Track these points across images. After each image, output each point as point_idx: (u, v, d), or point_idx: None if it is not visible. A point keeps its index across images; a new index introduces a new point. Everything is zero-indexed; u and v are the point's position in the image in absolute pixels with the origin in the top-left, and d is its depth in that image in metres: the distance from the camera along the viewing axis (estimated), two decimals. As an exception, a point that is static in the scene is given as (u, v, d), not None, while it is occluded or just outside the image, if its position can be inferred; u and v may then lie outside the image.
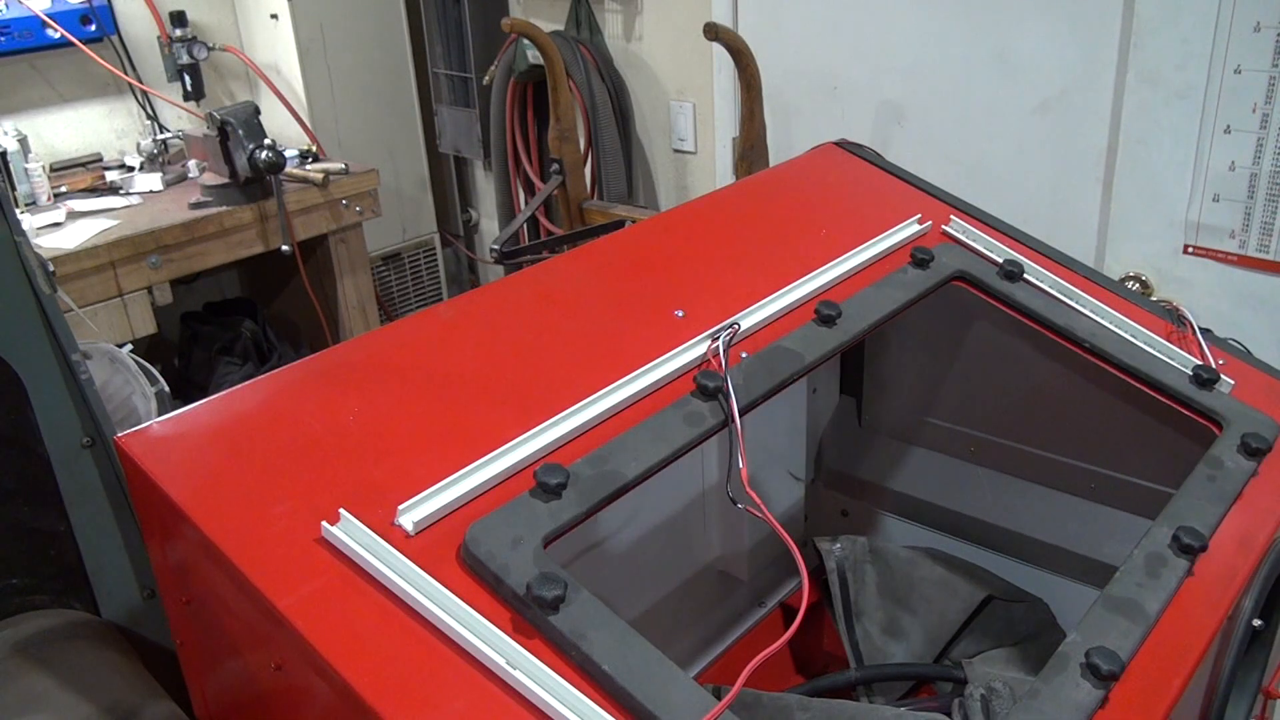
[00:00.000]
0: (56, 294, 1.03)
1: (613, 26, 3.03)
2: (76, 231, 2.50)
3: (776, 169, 1.53)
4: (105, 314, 2.50)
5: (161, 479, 0.78)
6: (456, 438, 0.84)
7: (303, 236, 2.82)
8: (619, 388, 0.90)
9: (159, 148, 3.01)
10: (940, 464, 1.45)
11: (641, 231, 1.25)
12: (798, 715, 0.78)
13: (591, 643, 0.68)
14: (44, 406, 1.02)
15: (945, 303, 1.23)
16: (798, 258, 1.14)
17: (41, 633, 1.02)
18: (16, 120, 2.79)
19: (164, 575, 0.88)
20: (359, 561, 0.72)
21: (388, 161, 3.35)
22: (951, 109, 2.40)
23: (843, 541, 1.25)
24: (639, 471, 0.83)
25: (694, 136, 2.97)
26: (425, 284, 3.66)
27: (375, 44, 3.31)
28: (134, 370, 1.31)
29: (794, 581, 1.48)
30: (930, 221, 1.25)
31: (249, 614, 0.76)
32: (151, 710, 0.95)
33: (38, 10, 2.77)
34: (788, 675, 1.35)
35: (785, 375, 0.97)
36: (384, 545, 0.73)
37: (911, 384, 1.47)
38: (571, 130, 2.77)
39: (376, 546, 0.72)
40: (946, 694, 1.01)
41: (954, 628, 1.19)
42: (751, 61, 2.45)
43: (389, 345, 0.97)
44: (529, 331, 1.00)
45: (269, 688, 0.81)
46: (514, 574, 0.71)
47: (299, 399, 0.88)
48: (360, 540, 0.72)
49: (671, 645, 1.34)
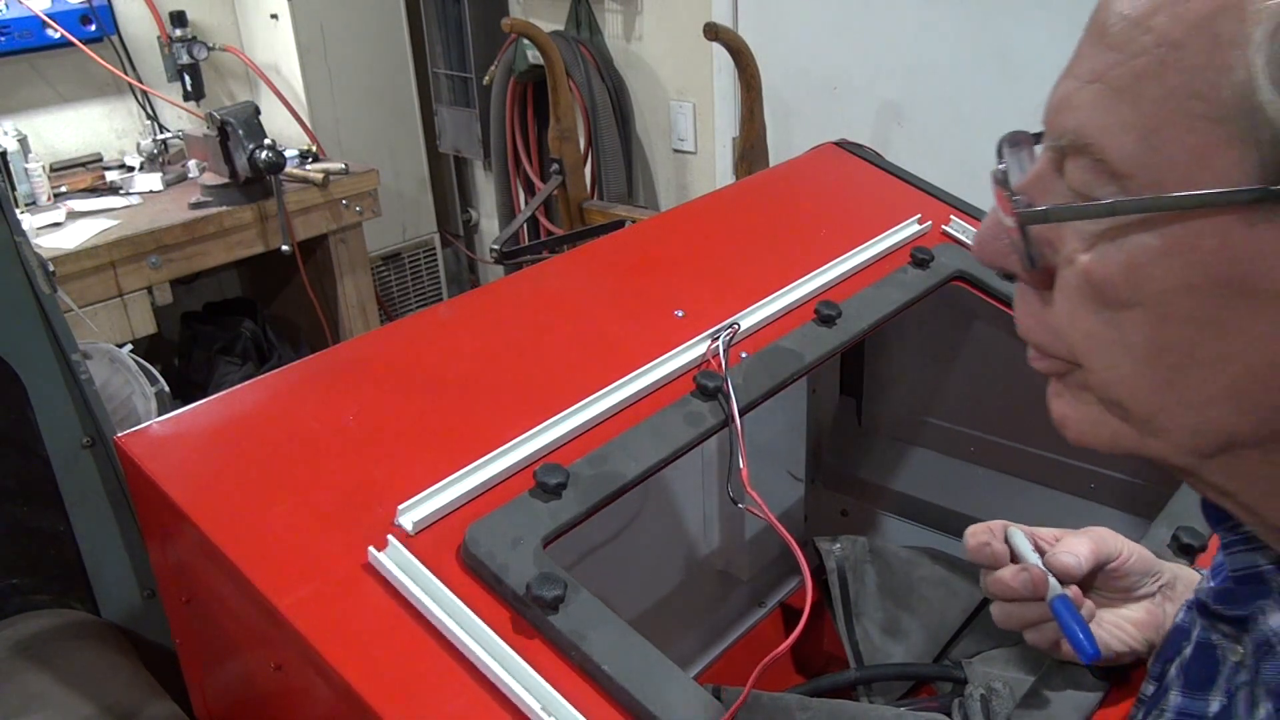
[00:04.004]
0: (56, 294, 1.03)
1: (613, 26, 3.03)
2: (76, 231, 2.50)
3: (776, 169, 1.53)
4: (105, 314, 2.50)
5: (161, 479, 0.78)
6: (456, 438, 0.84)
7: (303, 236, 2.82)
8: (619, 388, 0.90)
9: (159, 148, 3.00)
10: (940, 464, 1.45)
11: (641, 231, 1.25)
12: (798, 715, 0.77)
13: (591, 643, 0.68)
14: (44, 406, 1.02)
15: (945, 303, 1.23)
16: (798, 258, 1.14)
17: (41, 633, 1.02)
18: (16, 120, 2.79)
19: (164, 575, 0.88)
20: (395, 584, 0.71)
21: (388, 161, 3.35)
22: (951, 109, 2.40)
23: (843, 541, 1.25)
24: (639, 471, 0.83)
25: (694, 136, 2.97)
26: (425, 284, 3.66)
27: (375, 44, 3.31)
28: (134, 370, 1.31)
29: (794, 581, 1.48)
30: (930, 221, 1.25)
31: (249, 614, 0.76)
32: (151, 710, 0.95)
33: (38, 10, 2.77)
34: (788, 675, 1.35)
35: (785, 375, 0.97)
36: (409, 556, 0.73)
37: (911, 384, 1.47)
38: (571, 130, 2.77)
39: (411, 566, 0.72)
40: (946, 694, 1.01)
41: (954, 628, 1.19)
42: (751, 61, 2.45)
43: (389, 345, 0.97)
44: (529, 331, 1.00)
45: (269, 688, 0.81)
46: (514, 574, 0.71)
47: (299, 399, 0.88)
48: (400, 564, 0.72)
49: (671, 645, 1.34)
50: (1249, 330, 0.44)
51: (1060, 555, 0.75)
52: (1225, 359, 0.45)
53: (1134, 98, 0.44)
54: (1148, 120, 0.44)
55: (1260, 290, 0.43)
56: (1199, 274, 0.44)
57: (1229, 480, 0.49)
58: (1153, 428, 0.49)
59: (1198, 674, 0.62)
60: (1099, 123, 0.45)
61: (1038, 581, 0.74)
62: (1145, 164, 0.44)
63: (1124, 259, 0.46)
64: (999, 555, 0.77)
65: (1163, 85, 0.43)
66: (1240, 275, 0.43)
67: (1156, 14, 0.43)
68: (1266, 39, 0.40)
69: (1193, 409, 0.47)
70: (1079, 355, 0.50)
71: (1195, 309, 0.44)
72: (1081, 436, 0.53)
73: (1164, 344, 0.46)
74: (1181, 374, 0.46)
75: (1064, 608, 0.72)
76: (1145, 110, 0.44)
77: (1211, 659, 0.61)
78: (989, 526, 0.79)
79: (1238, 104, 0.41)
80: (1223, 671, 0.60)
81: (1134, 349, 0.47)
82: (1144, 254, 0.45)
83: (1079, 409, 0.53)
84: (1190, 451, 0.49)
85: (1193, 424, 0.47)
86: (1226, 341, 0.44)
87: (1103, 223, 0.46)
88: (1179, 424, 0.48)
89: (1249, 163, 0.41)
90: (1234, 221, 0.42)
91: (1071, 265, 0.49)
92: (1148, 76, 0.43)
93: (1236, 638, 0.57)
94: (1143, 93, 0.44)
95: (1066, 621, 0.71)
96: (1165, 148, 0.43)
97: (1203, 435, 0.47)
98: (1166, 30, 0.43)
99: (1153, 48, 0.43)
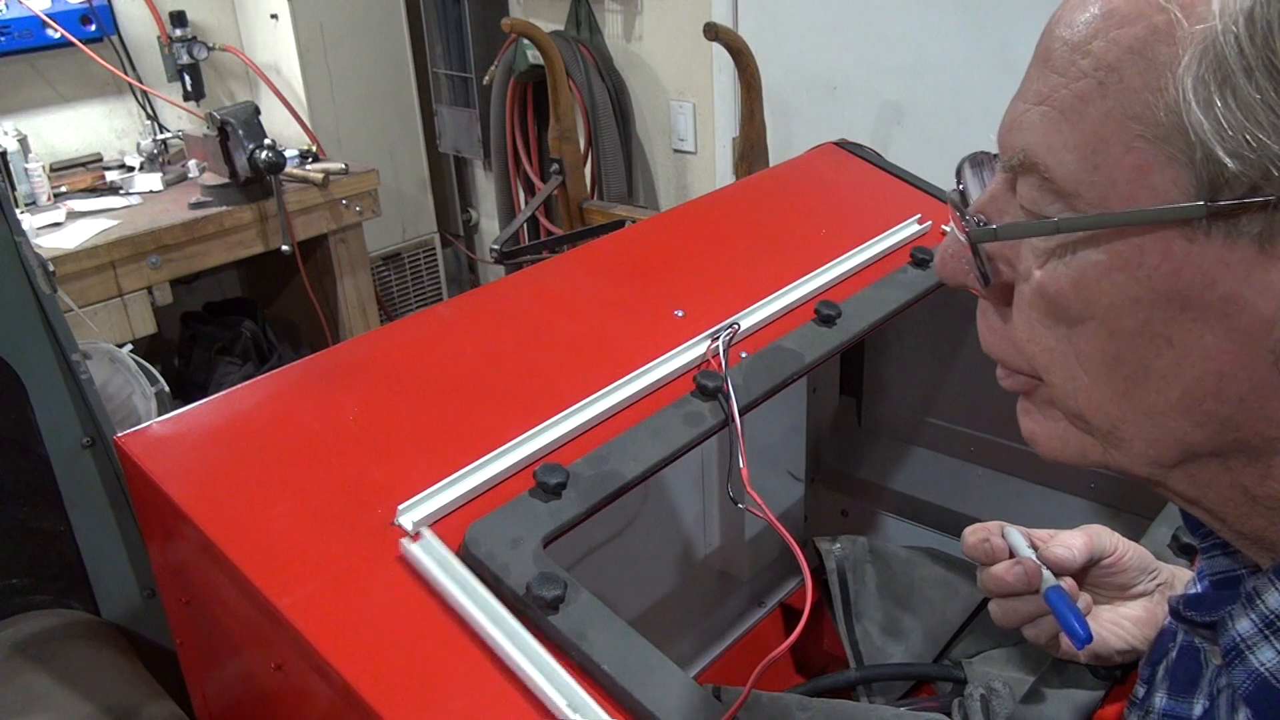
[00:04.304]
0: (56, 294, 1.03)
1: (613, 26, 3.03)
2: (76, 231, 2.50)
3: (776, 169, 1.53)
4: (105, 314, 2.50)
5: (161, 479, 0.78)
6: (456, 437, 0.84)
7: (303, 236, 2.82)
8: (619, 388, 0.90)
9: (159, 148, 3.00)
10: (940, 464, 1.45)
11: (641, 231, 1.25)
12: (797, 715, 0.78)
13: (591, 643, 0.68)
14: (44, 406, 1.02)
15: (945, 303, 1.23)
16: (798, 258, 1.14)
17: (41, 633, 1.02)
18: (16, 120, 2.79)
19: (164, 575, 0.88)
20: (426, 577, 0.71)
21: (388, 161, 3.35)
22: (951, 109, 2.40)
23: (843, 541, 1.25)
24: (639, 471, 0.83)
25: (694, 136, 2.97)
26: (425, 284, 3.66)
27: (375, 44, 3.31)
28: (134, 370, 1.31)
29: (794, 581, 1.48)
30: (930, 221, 1.25)
31: (249, 614, 0.76)
32: (151, 710, 0.95)
33: (38, 10, 2.77)
34: (788, 675, 1.35)
35: (785, 375, 0.97)
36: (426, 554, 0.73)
37: (911, 384, 1.47)
38: (571, 130, 2.77)
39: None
40: (946, 694, 1.01)
41: (954, 628, 1.19)
42: (751, 61, 2.45)
43: (389, 345, 0.97)
44: (529, 331, 1.00)
45: (269, 688, 0.81)
46: (514, 574, 0.71)
47: (299, 399, 0.88)
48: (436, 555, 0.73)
49: (671, 645, 1.34)
50: (1196, 342, 0.45)
51: (1054, 548, 0.76)
52: (1176, 371, 0.46)
53: (1076, 119, 0.45)
54: (1089, 141, 0.45)
55: (1204, 303, 0.44)
56: (1144, 288, 0.45)
57: (1193, 489, 0.50)
58: (1114, 439, 0.50)
59: (1182, 676, 0.63)
60: (1045, 143, 0.47)
61: (1031, 574, 0.75)
62: (1089, 182, 0.45)
63: (1073, 275, 0.47)
64: (996, 551, 0.78)
65: (1102, 107, 0.44)
66: (1183, 289, 0.44)
67: (1094, 39, 0.45)
68: (1195, 61, 0.42)
69: (1150, 420, 0.48)
70: (1040, 370, 0.52)
71: (1143, 322, 0.46)
72: (1051, 452, 0.54)
73: (1117, 357, 0.47)
74: (1136, 386, 0.47)
75: (1057, 597, 0.72)
76: (1087, 131, 0.45)
77: (1195, 661, 0.62)
78: (986, 526, 0.80)
79: (1172, 124, 0.42)
80: (1205, 674, 0.60)
81: (1089, 362, 0.49)
82: (1092, 269, 0.47)
83: (1046, 425, 0.54)
84: (1152, 462, 0.50)
85: (1151, 435, 0.48)
86: (1175, 354, 0.46)
87: (1053, 240, 0.48)
88: (1138, 435, 0.49)
89: (1185, 181, 0.43)
90: (1175, 237, 0.44)
91: (1027, 281, 0.50)
92: (1088, 99, 0.45)
93: (1215, 639, 0.57)
94: (1084, 114, 0.45)
95: (1060, 609, 0.71)
96: (1107, 167, 0.45)
97: (1161, 446, 0.48)
98: (1103, 55, 0.44)
99: (1091, 71, 0.45)
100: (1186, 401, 0.46)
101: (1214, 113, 0.41)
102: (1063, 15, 0.47)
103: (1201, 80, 0.41)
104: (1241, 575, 0.55)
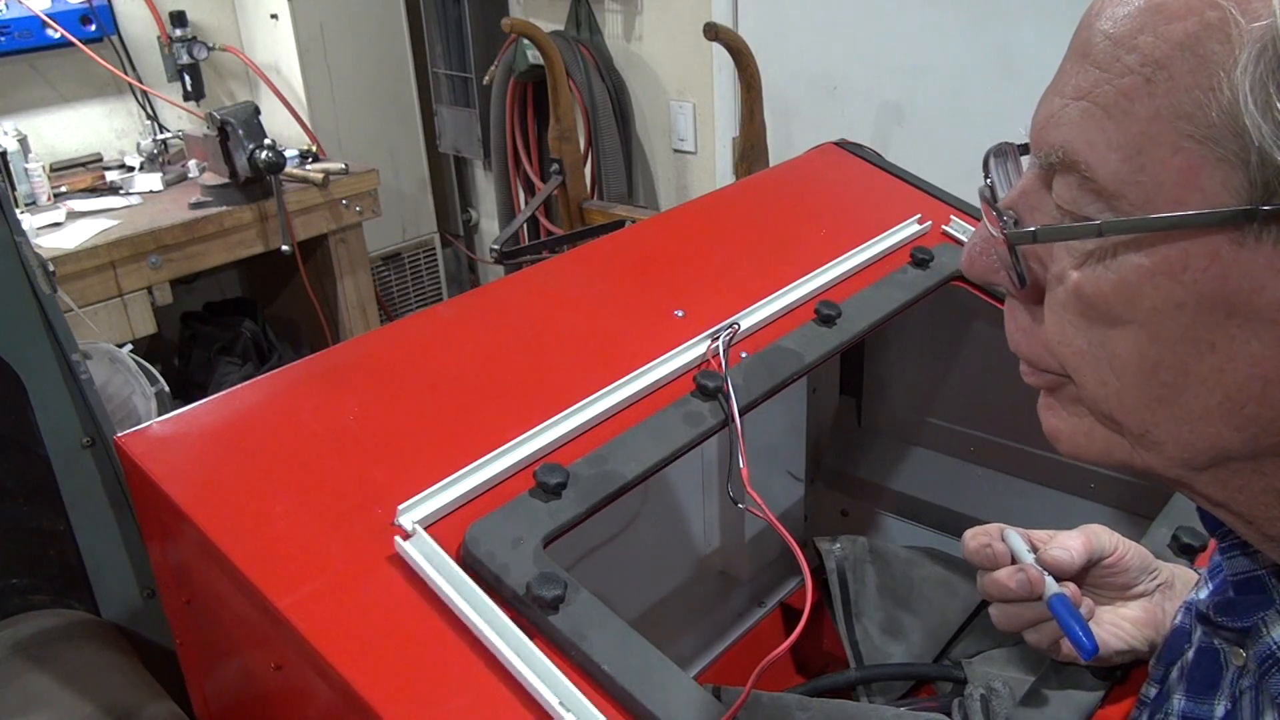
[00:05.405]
0: (56, 294, 1.03)
1: (613, 26, 3.03)
2: (76, 231, 2.50)
3: (776, 169, 1.53)
4: (105, 314, 2.50)
5: (161, 479, 0.78)
6: (456, 438, 0.84)
7: (303, 236, 2.82)
8: (619, 388, 0.90)
9: (159, 148, 3.01)
10: (940, 464, 1.45)
11: (641, 231, 1.25)
12: (797, 715, 0.77)
13: (591, 643, 0.68)
14: (44, 406, 1.02)
15: (945, 303, 1.23)
16: (798, 258, 1.14)
17: (41, 633, 1.02)
18: (16, 120, 2.79)
19: (164, 575, 0.88)
20: (420, 574, 0.71)
21: (388, 161, 3.35)
22: (951, 109, 2.40)
23: (843, 541, 1.25)
24: (639, 471, 0.83)
25: (694, 136, 2.97)
26: (425, 284, 3.66)
27: (375, 44, 3.31)
28: (134, 370, 1.32)
29: (794, 581, 1.47)
30: (930, 221, 1.25)
31: (249, 614, 0.76)
32: (151, 710, 0.95)
33: (38, 10, 2.77)
34: (788, 675, 1.35)
35: (785, 375, 0.97)
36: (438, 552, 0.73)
37: (911, 384, 1.47)
38: (571, 130, 2.77)
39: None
40: (946, 694, 1.01)
41: (954, 628, 1.19)
42: (751, 61, 2.45)
43: (389, 345, 0.97)
44: (529, 331, 1.00)
45: (269, 688, 0.81)
46: (514, 574, 0.71)
47: (299, 399, 0.88)
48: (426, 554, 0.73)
49: (671, 645, 1.34)
50: (1240, 348, 0.44)
51: (1052, 550, 0.75)
52: (1217, 376, 0.45)
53: (1120, 117, 0.44)
54: (1135, 140, 0.43)
55: (1251, 309, 0.43)
56: (1189, 294, 0.44)
57: (1221, 492, 0.49)
58: (1146, 442, 0.49)
59: (1201, 678, 0.62)
60: (1086, 140, 0.45)
61: (1034, 581, 0.74)
62: (1133, 183, 0.44)
63: (1114, 278, 0.46)
64: (999, 556, 0.77)
65: (1150, 105, 0.43)
66: (1230, 294, 0.43)
67: (1141, 34, 0.43)
68: (1252, 61, 0.40)
69: (1185, 424, 0.47)
70: (1070, 370, 0.50)
71: (1186, 327, 0.44)
72: (1074, 449, 0.53)
73: (1156, 361, 0.46)
74: (1174, 390, 0.46)
75: (1062, 605, 0.72)
76: (1132, 130, 0.43)
77: (1214, 663, 0.61)
78: (986, 530, 0.79)
79: (1225, 125, 0.41)
80: (1226, 676, 0.59)
81: (1126, 365, 0.47)
82: (1134, 273, 0.45)
83: (1071, 422, 0.53)
84: (1182, 465, 0.49)
85: (1185, 439, 0.47)
86: (1218, 359, 0.44)
87: (1091, 242, 0.46)
88: (1171, 438, 0.48)
89: (1236, 183, 0.41)
90: (1223, 241, 0.42)
91: (1062, 283, 0.49)
92: (1134, 96, 0.43)
93: (1239, 642, 0.57)
94: (1130, 112, 0.43)
95: (1065, 619, 0.71)
96: (1152, 168, 0.43)
97: (1195, 449, 0.47)
98: (1151, 50, 0.43)
99: (1138, 67, 0.43)
100: (1226, 406, 0.45)
101: (1273, 114, 0.40)
102: (1103, 8, 0.45)
103: (1260, 80, 0.40)
104: (1262, 576, 0.55)
